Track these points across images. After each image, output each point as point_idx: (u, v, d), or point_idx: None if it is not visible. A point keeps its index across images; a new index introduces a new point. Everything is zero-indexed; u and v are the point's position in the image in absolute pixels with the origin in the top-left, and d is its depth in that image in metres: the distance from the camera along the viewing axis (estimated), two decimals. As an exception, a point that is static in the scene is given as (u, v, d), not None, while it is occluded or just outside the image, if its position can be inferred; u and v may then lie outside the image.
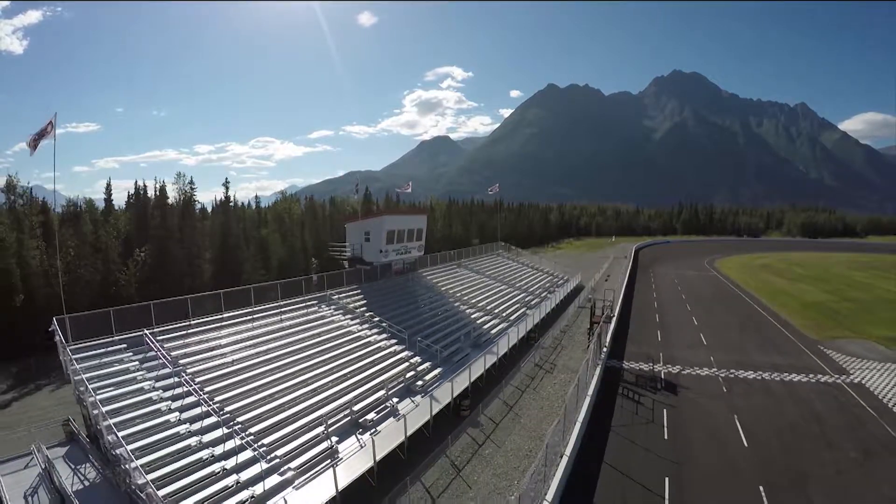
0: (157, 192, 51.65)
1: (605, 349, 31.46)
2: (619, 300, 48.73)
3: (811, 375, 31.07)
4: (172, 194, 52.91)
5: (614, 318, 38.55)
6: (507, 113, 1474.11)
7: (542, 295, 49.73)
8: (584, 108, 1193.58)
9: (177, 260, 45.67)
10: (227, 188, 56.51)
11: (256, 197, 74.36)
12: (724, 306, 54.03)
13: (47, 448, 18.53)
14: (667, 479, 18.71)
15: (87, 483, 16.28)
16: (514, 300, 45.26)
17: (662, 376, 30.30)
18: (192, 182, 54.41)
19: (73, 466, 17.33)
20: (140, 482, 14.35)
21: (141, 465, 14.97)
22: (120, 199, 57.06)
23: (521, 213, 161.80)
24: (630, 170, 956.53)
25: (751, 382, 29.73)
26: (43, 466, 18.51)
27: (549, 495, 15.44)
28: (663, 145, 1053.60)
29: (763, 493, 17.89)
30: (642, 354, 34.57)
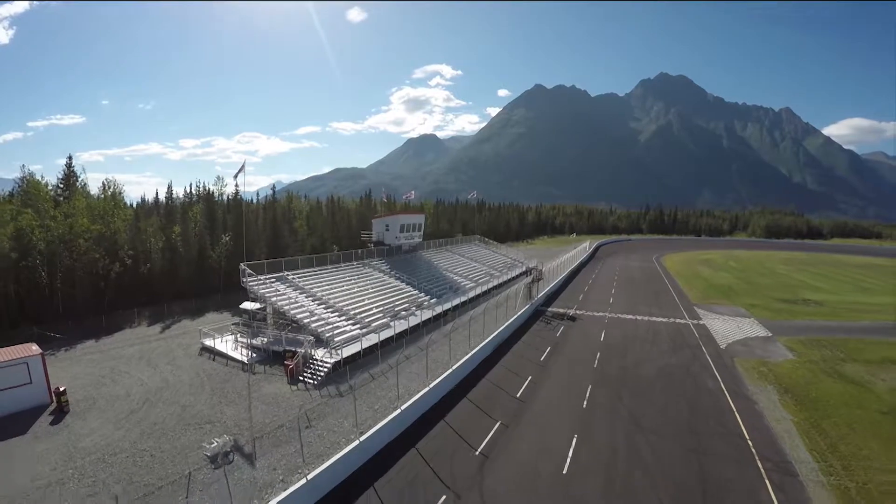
0: (206, 192, 70.17)
1: (534, 298, 50.58)
2: (563, 276, 67.02)
3: (672, 319, 44.59)
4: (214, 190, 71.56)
5: (550, 282, 57.58)
6: (494, 111, 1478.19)
7: (504, 270, 69.67)
8: (571, 109, 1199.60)
9: (245, 242, 64.00)
10: (273, 190, 75.02)
11: (272, 190, 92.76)
12: (645, 285, 66.41)
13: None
14: (549, 347, 37.55)
15: (263, 341, 34.69)
16: (482, 272, 65.10)
17: (570, 314, 48.07)
18: (237, 184, 73.40)
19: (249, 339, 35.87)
20: (314, 324, 33.58)
21: (311, 321, 34.03)
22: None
23: (500, 212, 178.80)
24: (616, 171, 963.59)
25: (626, 320, 44.90)
26: (235, 338, 37.28)
27: (488, 339, 34.62)
28: (649, 147, 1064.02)
29: (598, 355, 35.50)
30: (563, 305, 51.85)
